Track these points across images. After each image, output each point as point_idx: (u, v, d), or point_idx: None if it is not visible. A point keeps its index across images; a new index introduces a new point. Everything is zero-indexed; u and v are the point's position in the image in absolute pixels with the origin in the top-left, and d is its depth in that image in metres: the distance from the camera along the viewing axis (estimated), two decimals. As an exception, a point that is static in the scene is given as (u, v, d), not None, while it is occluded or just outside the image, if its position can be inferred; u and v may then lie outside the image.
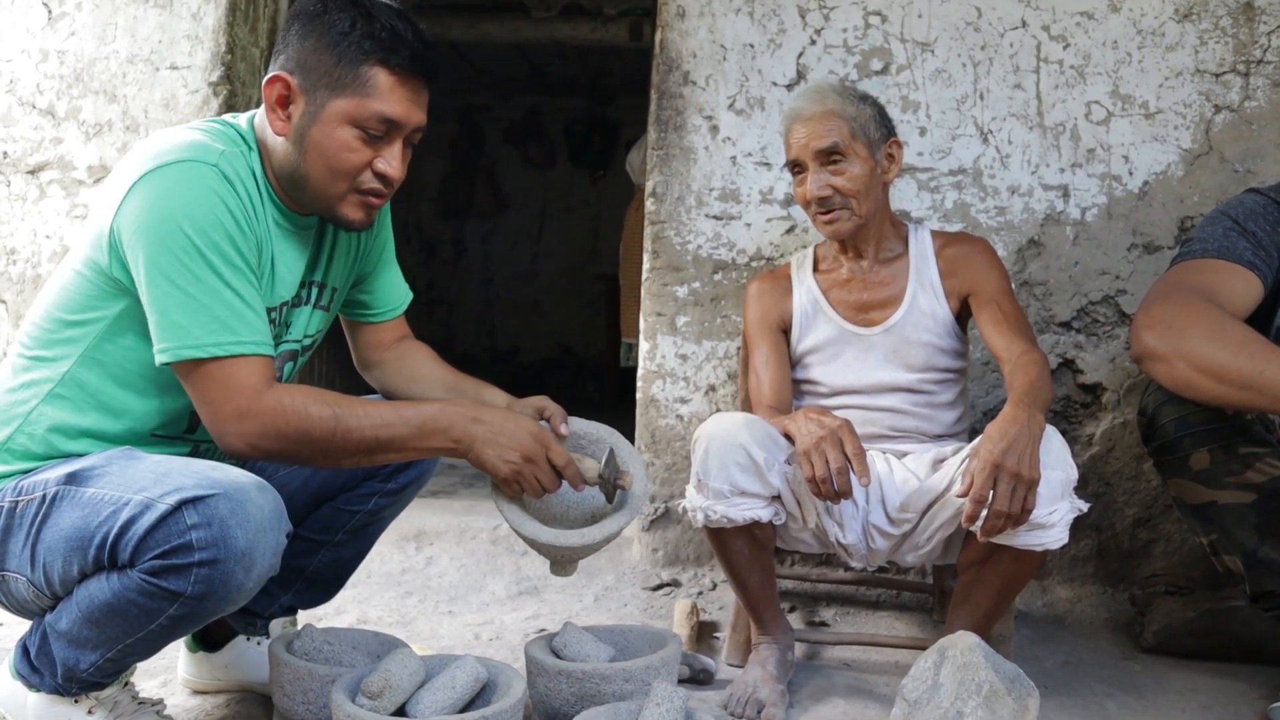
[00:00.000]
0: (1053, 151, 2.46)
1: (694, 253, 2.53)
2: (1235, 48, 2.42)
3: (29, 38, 2.71)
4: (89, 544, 1.27)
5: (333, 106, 1.36)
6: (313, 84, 1.37)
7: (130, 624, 1.28)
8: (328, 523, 1.69)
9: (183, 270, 1.28)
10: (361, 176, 1.40)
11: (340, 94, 1.36)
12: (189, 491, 1.22)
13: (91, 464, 1.32)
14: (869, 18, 2.49)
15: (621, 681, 1.51)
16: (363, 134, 1.38)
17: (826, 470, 1.60)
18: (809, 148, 1.85)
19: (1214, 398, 1.59)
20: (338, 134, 1.37)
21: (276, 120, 1.39)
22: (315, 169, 1.39)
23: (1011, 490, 1.53)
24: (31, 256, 2.71)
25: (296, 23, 1.39)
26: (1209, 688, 1.91)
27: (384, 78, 1.37)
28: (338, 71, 1.36)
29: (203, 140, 1.35)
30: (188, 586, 1.23)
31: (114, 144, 2.68)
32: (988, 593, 1.72)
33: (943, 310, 1.92)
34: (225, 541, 1.22)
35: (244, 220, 1.34)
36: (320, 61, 1.36)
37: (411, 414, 1.39)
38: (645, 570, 2.52)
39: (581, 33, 4.97)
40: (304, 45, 1.37)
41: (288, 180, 1.43)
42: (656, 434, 2.55)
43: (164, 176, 1.29)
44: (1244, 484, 1.65)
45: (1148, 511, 2.45)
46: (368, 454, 1.38)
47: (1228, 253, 1.73)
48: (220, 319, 1.29)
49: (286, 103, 1.38)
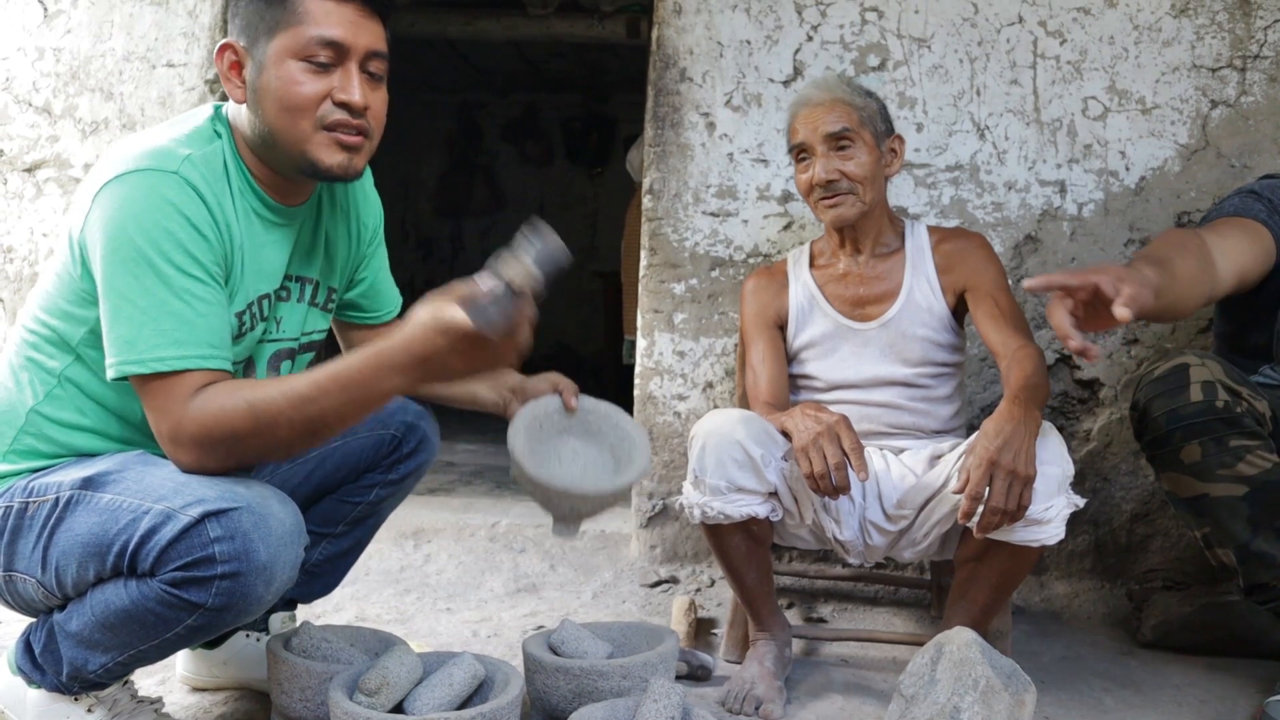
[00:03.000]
0: (1049, 147, 2.46)
1: (691, 250, 2.53)
2: (1232, 43, 2.42)
3: (25, 35, 2.71)
4: (108, 550, 1.26)
5: (273, 48, 1.33)
6: (253, 38, 1.35)
7: (146, 631, 1.28)
8: (329, 515, 1.70)
9: (132, 282, 1.26)
10: (322, 109, 1.35)
11: (276, 32, 1.33)
12: (212, 504, 1.22)
13: (106, 468, 1.31)
14: (865, 14, 2.49)
15: (619, 678, 1.51)
16: (309, 65, 1.34)
17: (824, 466, 1.60)
18: (818, 131, 1.86)
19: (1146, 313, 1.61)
20: (283, 71, 1.33)
21: (234, 89, 1.37)
22: (273, 116, 1.35)
23: (1007, 486, 1.53)
24: (28, 255, 2.71)
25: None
26: (1206, 682, 1.91)
27: (316, 5, 1.34)
28: (270, 13, 1.34)
29: (166, 146, 1.33)
30: (208, 599, 1.22)
31: (110, 141, 2.68)
32: (985, 588, 1.72)
33: (939, 305, 1.92)
34: (248, 555, 1.21)
35: (204, 225, 1.30)
36: (253, 13, 1.35)
37: (327, 379, 1.26)
38: (643, 567, 2.53)
39: (578, 30, 4.96)
40: (240, 8, 1.37)
41: (261, 148, 1.39)
42: (654, 430, 2.55)
43: (121, 186, 1.28)
44: (1236, 477, 1.66)
45: (1145, 507, 2.45)
46: (307, 432, 1.27)
47: (1242, 211, 1.80)
48: (165, 332, 1.25)
49: (240, 68, 1.36)
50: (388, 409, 1.63)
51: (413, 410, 1.71)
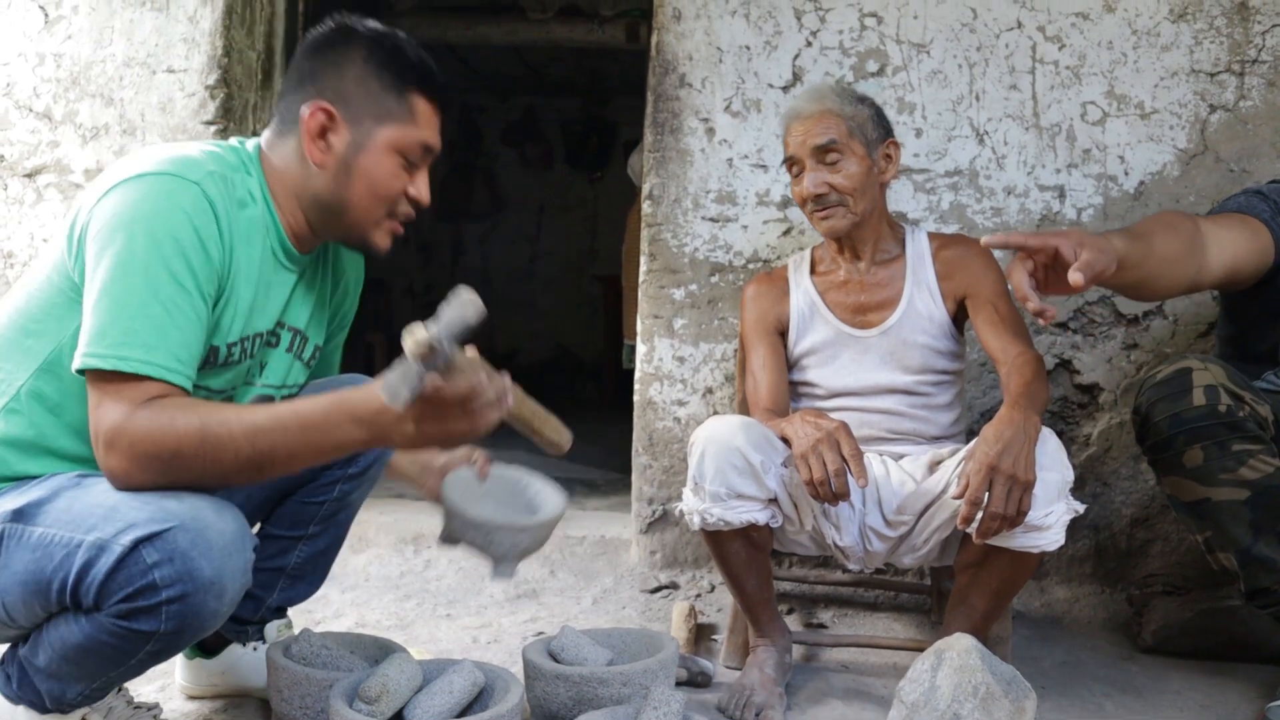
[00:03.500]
0: (1049, 152, 2.46)
1: (691, 255, 2.53)
2: (1230, 47, 2.42)
3: (26, 41, 2.71)
4: (48, 589, 1.22)
5: (380, 135, 1.40)
6: (356, 114, 1.39)
7: (108, 661, 1.25)
8: (296, 517, 1.66)
9: (120, 276, 1.23)
10: (397, 202, 1.44)
11: (386, 123, 1.40)
12: (143, 528, 1.17)
13: (37, 497, 1.25)
14: (865, 19, 2.49)
15: (619, 685, 1.51)
16: (404, 161, 1.42)
17: (824, 472, 1.60)
18: (806, 144, 1.86)
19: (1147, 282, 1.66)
20: (385, 161, 1.40)
21: (316, 150, 1.39)
22: (359, 196, 1.41)
23: (1007, 492, 1.53)
24: (28, 260, 2.71)
25: (325, 53, 1.41)
26: (1207, 687, 1.91)
27: (424, 106, 1.42)
28: (385, 101, 1.39)
29: (195, 157, 1.33)
30: (160, 625, 1.19)
31: (111, 147, 2.68)
32: (985, 594, 1.72)
33: (939, 312, 1.92)
34: (191, 575, 1.17)
35: (210, 241, 1.29)
36: (364, 91, 1.39)
37: (289, 415, 1.23)
38: (643, 573, 2.53)
39: (578, 34, 4.97)
40: (343, 76, 1.39)
41: (313, 205, 1.43)
42: (654, 436, 2.55)
43: (140, 185, 1.27)
44: (1238, 481, 1.66)
45: (1145, 511, 2.45)
46: (253, 467, 1.23)
47: (1245, 209, 1.80)
48: (136, 333, 1.22)
49: (326, 132, 1.39)
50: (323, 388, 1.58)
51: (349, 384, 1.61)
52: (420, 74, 1.42)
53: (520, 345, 7.96)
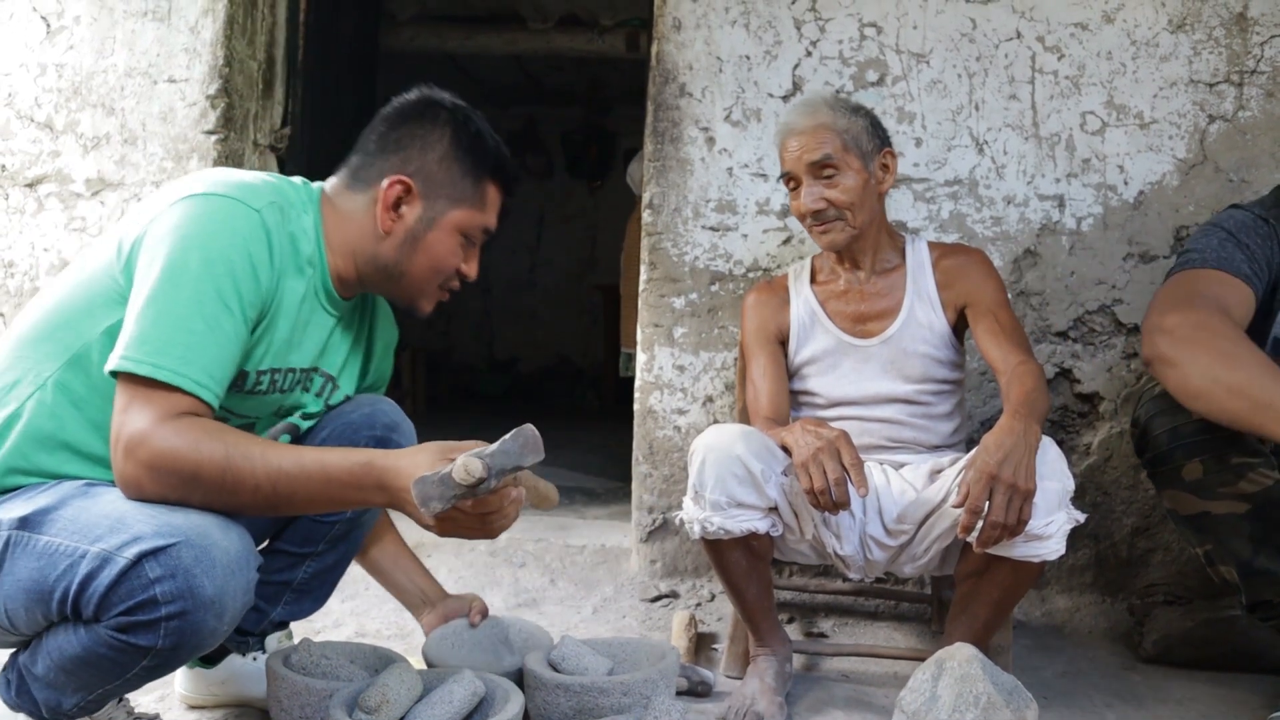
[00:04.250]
0: (1048, 162, 2.47)
1: (691, 264, 2.54)
2: (1229, 58, 2.43)
3: (27, 51, 2.73)
4: (49, 598, 1.21)
5: (450, 216, 1.48)
6: (433, 192, 1.47)
7: (104, 674, 1.25)
8: (308, 535, 1.66)
9: (168, 289, 1.26)
10: (449, 276, 1.53)
11: (459, 206, 1.48)
12: (148, 542, 1.17)
13: (45, 504, 1.25)
14: (864, 29, 2.50)
15: (619, 695, 1.51)
16: (465, 240, 1.51)
17: (825, 481, 1.60)
18: (801, 160, 1.86)
19: (1223, 411, 1.56)
20: (449, 240, 1.49)
21: (387, 219, 1.46)
22: (419, 268, 1.49)
23: (1007, 501, 1.53)
24: (29, 269, 2.72)
25: (413, 126, 1.48)
26: (1208, 697, 1.90)
27: (494, 193, 1.52)
28: (461, 185, 1.48)
29: (258, 185, 1.38)
30: (158, 640, 1.19)
31: (112, 157, 2.69)
32: (985, 604, 1.72)
33: (940, 321, 1.92)
34: (192, 592, 1.17)
35: (261, 268, 1.33)
36: (446, 173, 1.47)
37: (315, 467, 1.25)
38: (643, 582, 2.52)
39: (578, 44, 4.99)
40: (427, 155, 1.47)
41: (368, 263, 1.48)
42: (654, 445, 2.55)
43: (203, 203, 1.31)
44: (1237, 494, 1.65)
45: (1146, 521, 2.45)
46: (268, 505, 1.26)
47: (1227, 264, 1.73)
48: (175, 343, 1.24)
49: (399, 204, 1.46)
50: (356, 423, 1.61)
51: (381, 424, 1.64)
52: (496, 162, 1.51)
53: (520, 354, 7.97)
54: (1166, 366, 1.62)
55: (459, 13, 5.02)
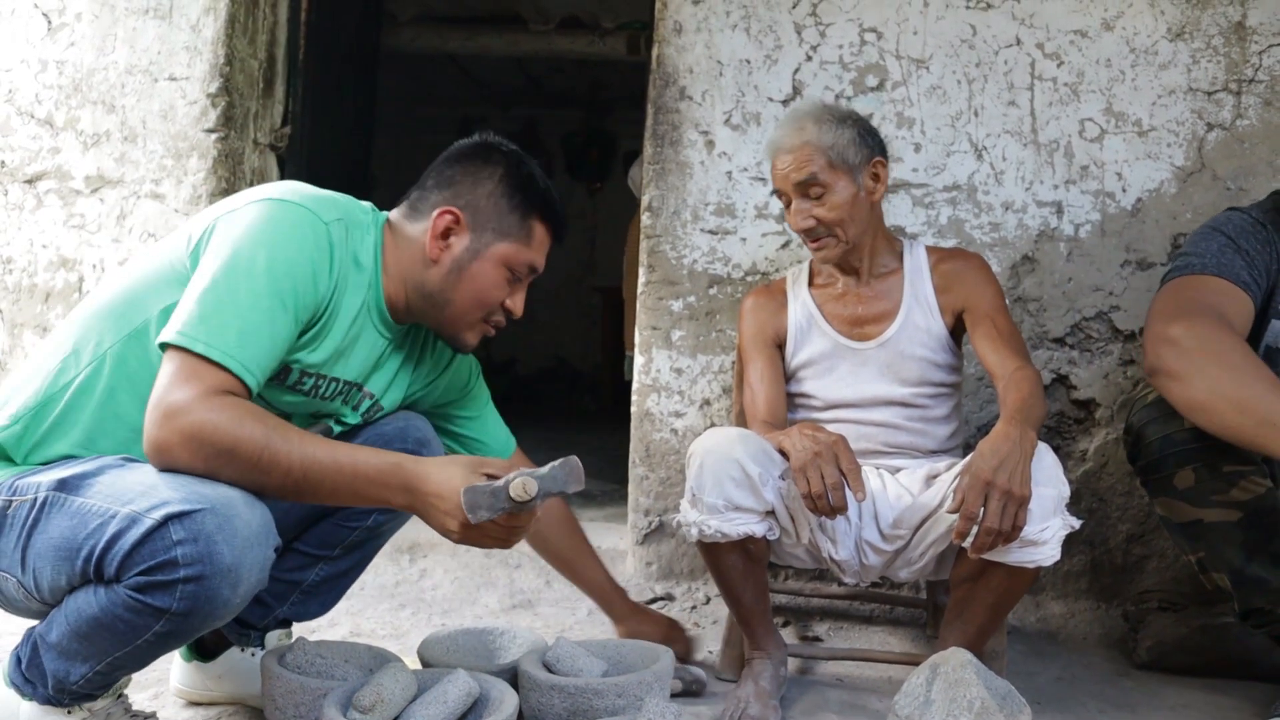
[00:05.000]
0: (1046, 168, 2.47)
1: (689, 267, 2.54)
2: (1227, 66, 2.44)
3: (28, 48, 2.73)
4: (76, 556, 1.26)
5: (496, 249, 1.54)
6: (480, 225, 1.53)
7: (117, 639, 1.28)
8: (326, 538, 1.69)
9: (231, 277, 1.33)
10: (493, 310, 1.57)
11: (504, 239, 1.54)
12: (175, 506, 1.21)
13: (84, 470, 1.32)
14: (864, 34, 2.51)
15: (614, 696, 1.51)
16: (510, 275, 1.56)
17: (822, 486, 1.60)
18: (789, 180, 1.87)
19: (1226, 427, 1.56)
20: (494, 272, 1.54)
21: (436, 247, 1.52)
22: (463, 297, 1.54)
23: (1002, 507, 1.53)
24: (28, 266, 2.72)
25: (467, 164, 1.56)
26: (1202, 704, 1.91)
27: (541, 232, 1.57)
28: (508, 219, 1.54)
29: (331, 200, 1.46)
30: (173, 603, 1.22)
31: (111, 154, 2.69)
32: (980, 609, 1.72)
33: (937, 325, 1.93)
34: (211, 558, 1.21)
35: (321, 277, 1.40)
36: (493, 208, 1.54)
37: (346, 461, 1.31)
38: (639, 584, 2.52)
39: (579, 46, 5.00)
40: (477, 190, 1.54)
41: (416, 291, 1.54)
42: (651, 448, 2.55)
43: (277, 207, 1.39)
44: (1229, 502, 1.66)
45: (1141, 527, 2.45)
46: (293, 491, 1.31)
47: (1226, 270, 1.72)
48: (229, 328, 1.30)
49: (449, 234, 1.53)
50: (389, 435, 1.66)
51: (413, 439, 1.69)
52: (544, 203, 1.57)
53: (519, 356, 7.97)
54: (1170, 379, 1.62)
55: (460, 14, 5.02)
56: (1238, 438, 1.56)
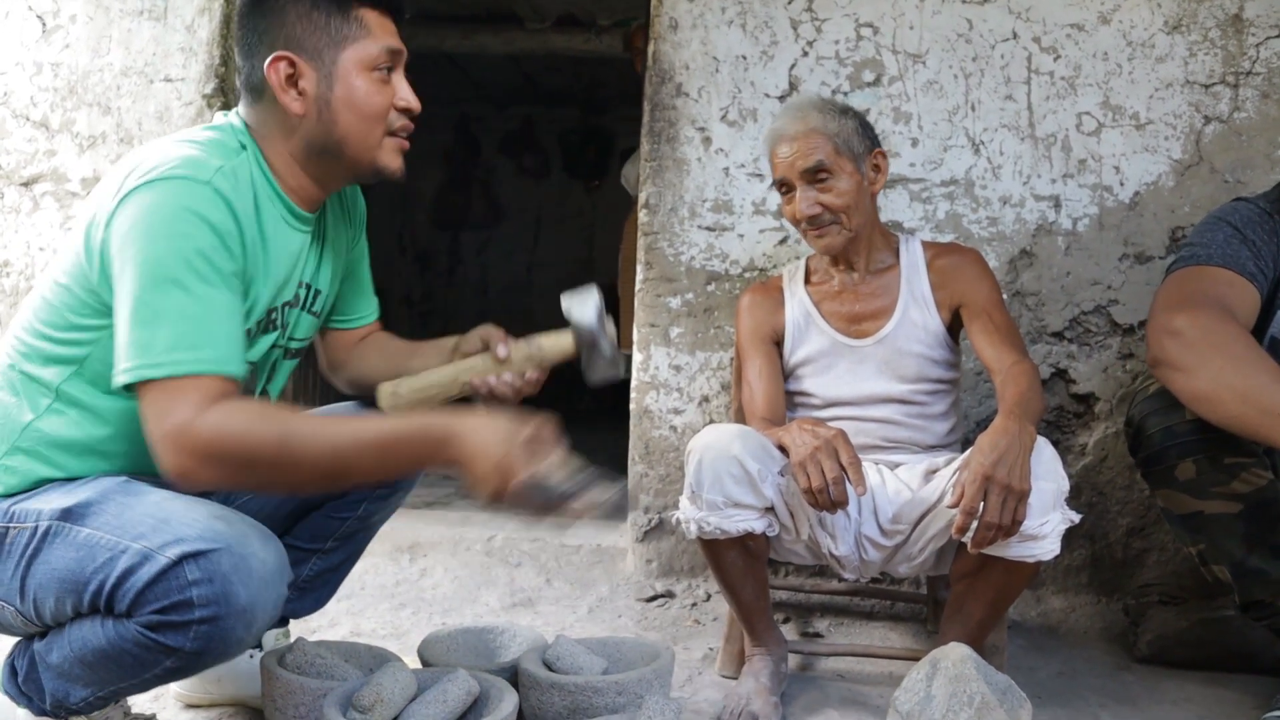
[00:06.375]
0: (1044, 162, 2.47)
1: (687, 264, 2.54)
2: (1224, 59, 2.43)
3: (23, 50, 2.72)
4: (84, 588, 1.23)
5: (343, 61, 1.39)
6: (313, 51, 1.38)
7: (124, 671, 1.25)
8: (317, 531, 1.68)
9: (151, 288, 1.23)
10: (390, 117, 1.43)
11: (345, 46, 1.39)
12: (191, 544, 1.18)
13: (87, 497, 1.28)
14: (860, 29, 2.50)
15: (614, 694, 1.51)
16: (378, 74, 1.41)
17: (823, 480, 1.60)
18: (795, 167, 1.86)
19: (1230, 418, 1.55)
20: (359, 83, 1.40)
21: (291, 100, 1.39)
22: (349, 126, 1.40)
23: (1002, 502, 1.53)
24: (25, 269, 2.71)
25: (261, 10, 1.40)
26: (1203, 698, 1.91)
27: (373, 16, 1.41)
28: (333, 27, 1.39)
29: (196, 155, 1.32)
30: (186, 643, 1.20)
31: (108, 156, 2.69)
32: (980, 604, 1.72)
33: (934, 321, 1.93)
34: (227, 598, 1.18)
35: (230, 237, 1.29)
36: (311, 26, 1.38)
37: (371, 435, 1.25)
38: (639, 581, 2.52)
39: (575, 44, 4.99)
40: (285, 20, 1.39)
41: (313, 156, 1.42)
42: (650, 445, 2.55)
43: (151, 192, 1.26)
44: (1230, 494, 1.66)
45: (1141, 521, 2.45)
46: (328, 479, 1.28)
47: (1232, 261, 1.72)
48: (182, 335, 1.22)
49: (295, 80, 1.39)
50: None
51: None
52: None
53: (517, 354, 7.94)
54: (1174, 371, 1.61)
55: (456, 12, 5.01)
56: (1241, 428, 1.56)
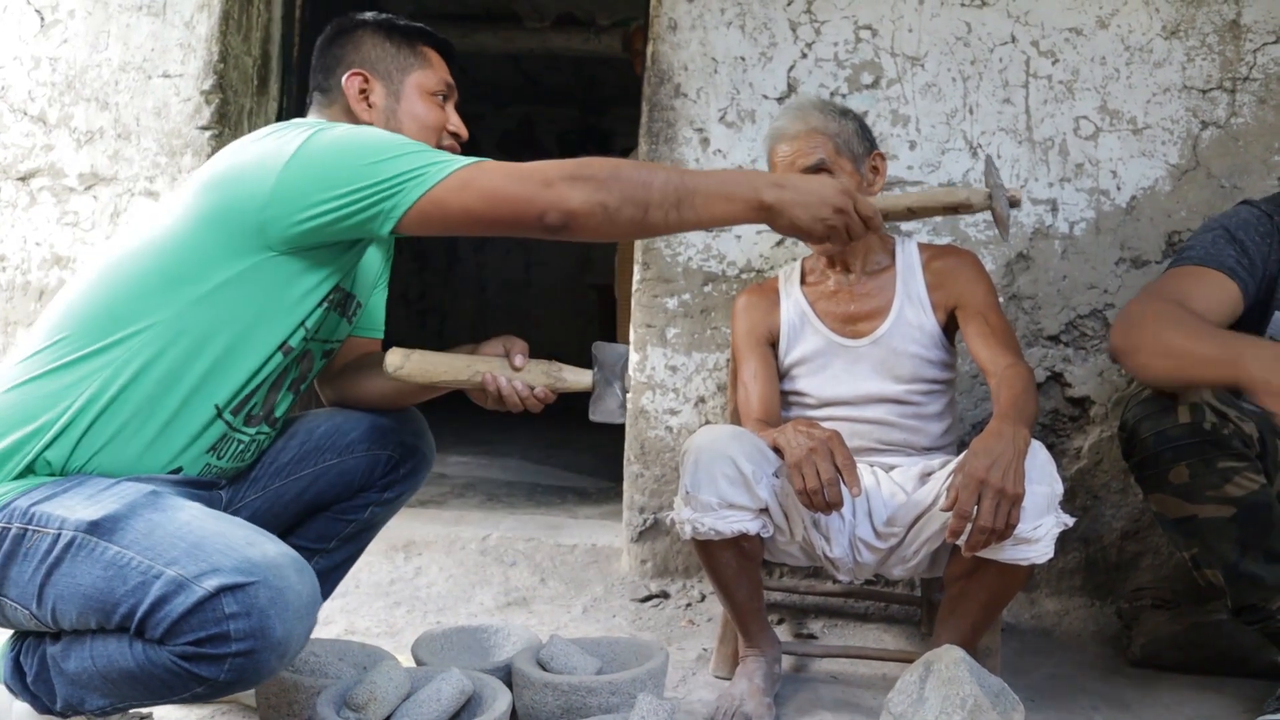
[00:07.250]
0: (1041, 166, 2.47)
1: (684, 264, 2.54)
2: (1222, 65, 2.44)
3: (21, 45, 2.72)
4: (112, 609, 1.21)
5: (409, 83, 1.62)
6: (384, 71, 1.61)
7: (149, 692, 1.24)
8: (323, 531, 1.70)
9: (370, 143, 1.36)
10: (441, 136, 1.64)
11: (409, 71, 1.63)
12: (227, 576, 1.17)
13: (114, 510, 1.25)
14: (859, 32, 2.51)
15: (608, 694, 1.51)
16: (437, 99, 1.64)
17: (817, 481, 1.60)
18: (795, 166, 1.86)
19: (1166, 372, 1.64)
20: (421, 103, 1.62)
21: (363, 110, 1.59)
22: (409, 134, 1.56)
23: (995, 506, 1.53)
24: (21, 263, 2.71)
25: (339, 39, 1.63)
26: (1195, 701, 1.91)
27: (432, 53, 1.66)
28: (402, 55, 1.63)
29: None
30: (220, 674, 1.18)
31: (105, 151, 2.68)
32: (974, 607, 1.73)
33: (929, 322, 1.93)
34: (264, 632, 1.17)
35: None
36: (383, 53, 1.62)
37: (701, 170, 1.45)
38: (634, 581, 2.52)
39: (575, 43, 4.99)
40: (361, 48, 1.62)
41: None
42: (646, 445, 2.55)
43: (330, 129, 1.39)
44: (1223, 498, 1.66)
45: (1135, 524, 2.46)
46: (674, 201, 1.36)
47: (1211, 259, 1.78)
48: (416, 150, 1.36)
49: (366, 95, 1.60)
50: (385, 428, 1.68)
51: (410, 430, 1.72)
52: (420, 31, 1.67)
53: (514, 353, 7.94)
54: (1124, 355, 1.70)
55: (455, 11, 5.02)
56: (1182, 378, 1.65)
